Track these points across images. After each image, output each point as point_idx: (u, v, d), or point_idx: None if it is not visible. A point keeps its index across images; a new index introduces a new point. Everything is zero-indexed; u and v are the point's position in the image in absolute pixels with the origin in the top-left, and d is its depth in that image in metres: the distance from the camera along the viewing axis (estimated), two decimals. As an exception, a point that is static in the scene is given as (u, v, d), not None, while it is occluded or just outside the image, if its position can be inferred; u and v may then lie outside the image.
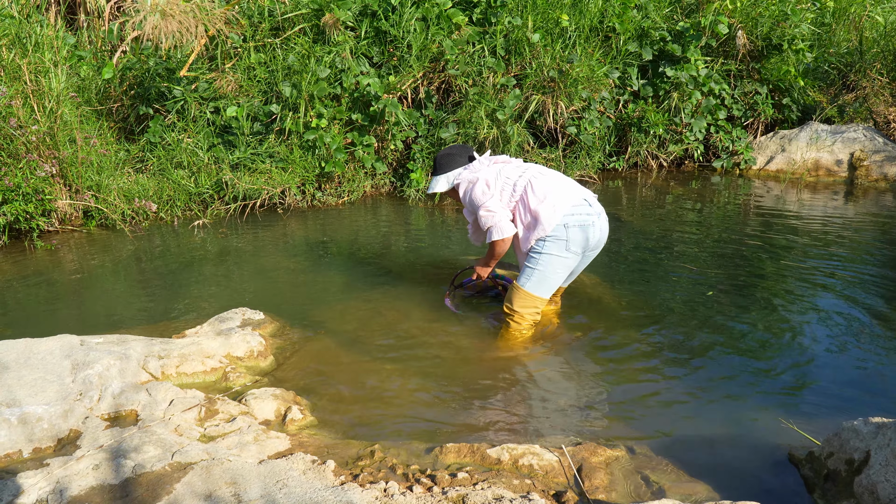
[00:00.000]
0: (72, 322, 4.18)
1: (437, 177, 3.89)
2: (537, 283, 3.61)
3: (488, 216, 3.65)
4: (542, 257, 3.57)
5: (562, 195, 3.58)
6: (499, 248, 3.72)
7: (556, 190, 3.59)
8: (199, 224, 6.02)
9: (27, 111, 5.49)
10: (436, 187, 3.91)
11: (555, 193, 3.57)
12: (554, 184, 3.62)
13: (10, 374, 2.96)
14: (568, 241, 3.54)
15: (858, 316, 4.07)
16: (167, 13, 6.14)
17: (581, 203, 3.60)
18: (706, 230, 5.92)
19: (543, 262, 3.57)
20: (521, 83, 7.06)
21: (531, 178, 3.63)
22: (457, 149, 3.92)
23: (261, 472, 2.46)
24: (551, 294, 3.69)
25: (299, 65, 6.49)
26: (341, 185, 6.74)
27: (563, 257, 3.58)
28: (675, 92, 7.51)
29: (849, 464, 2.37)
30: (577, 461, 2.60)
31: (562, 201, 3.56)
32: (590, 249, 3.69)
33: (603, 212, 3.72)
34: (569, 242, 3.55)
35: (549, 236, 3.54)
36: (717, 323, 4.01)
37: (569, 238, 3.54)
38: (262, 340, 3.62)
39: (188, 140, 6.42)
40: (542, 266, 3.58)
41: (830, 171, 7.61)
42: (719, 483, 2.51)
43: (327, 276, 4.89)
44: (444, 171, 3.87)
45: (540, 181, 3.61)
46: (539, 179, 3.62)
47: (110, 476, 2.43)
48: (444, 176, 3.87)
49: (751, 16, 7.60)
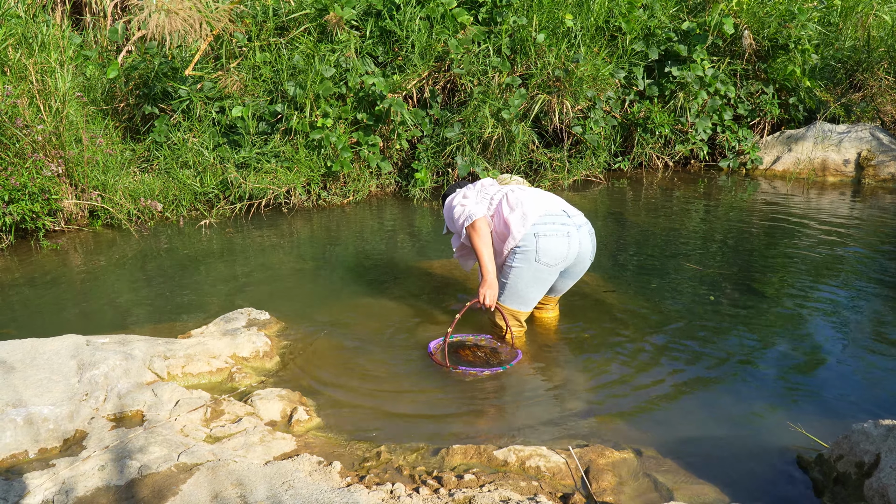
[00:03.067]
0: (77, 322, 4.18)
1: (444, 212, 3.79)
2: (509, 297, 3.56)
3: (461, 210, 3.50)
4: (513, 270, 3.50)
5: (535, 205, 3.48)
6: (476, 237, 3.42)
7: (530, 200, 3.50)
8: (205, 223, 6.02)
9: (33, 111, 5.49)
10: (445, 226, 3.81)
11: (528, 203, 3.48)
12: (530, 196, 3.52)
13: (16, 374, 2.95)
14: (538, 251, 3.43)
15: (866, 317, 4.05)
16: (171, 10, 6.15)
17: (557, 213, 3.49)
18: (712, 230, 5.90)
19: (514, 274, 3.51)
20: (526, 83, 7.05)
21: (508, 192, 3.56)
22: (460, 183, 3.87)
23: (267, 474, 2.45)
24: (530, 307, 3.62)
25: (304, 64, 6.49)
26: (346, 184, 6.74)
27: (533, 269, 3.47)
28: (681, 92, 7.49)
29: (859, 466, 2.35)
30: (584, 463, 2.59)
31: (533, 210, 3.45)
32: (570, 263, 3.54)
33: (586, 225, 3.59)
34: (538, 252, 3.43)
35: (519, 247, 3.45)
36: (723, 324, 3.99)
37: (539, 248, 3.42)
38: (267, 341, 3.61)
39: (193, 139, 6.43)
40: (512, 279, 3.51)
41: (838, 170, 7.58)
42: (728, 485, 2.50)
43: (332, 276, 4.88)
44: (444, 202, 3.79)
45: (516, 194, 3.53)
46: (516, 192, 3.54)
47: (116, 477, 2.42)
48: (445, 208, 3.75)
49: (757, 15, 7.57)
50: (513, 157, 6.95)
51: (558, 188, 7.12)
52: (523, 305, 3.59)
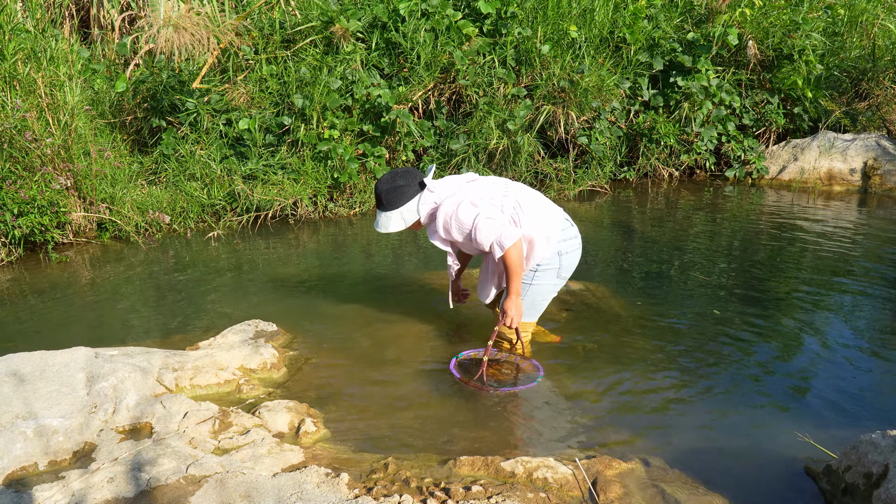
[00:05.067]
0: (86, 334, 4.20)
1: (388, 213, 3.34)
2: (527, 310, 3.54)
3: (489, 225, 3.20)
4: (533, 287, 3.47)
5: (551, 221, 3.39)
6: (514, 257, 3.20)
7: (545, 215, 3.39)
8: (212, 235, 6.05)
9: (42, 124, 5.54)
10: (389, 226, 3.35)
11: (545, 220, 3.37)
12: (540, 207, 3.40)
13: (26, 386, 2.98)
14: (560, 268, 3.47)
15: (874, 327, 4.04)
16: (180, 26, 6.20)
17: (567, 227, 3.48)
18: (718, 240, 5.90)
19: (534, 291, 3.48)
20: (531, 93, 7.07)
21: (518, 199, 3.34)
22: (402, 178, 3.33)
23: (275, 485, 2.46)
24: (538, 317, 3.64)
25: (311, 76, 6.53)
26: (353, 195, 6.76)
27: (553, 283, 3.51)
28: (686, 102, 7.50)
29: (867, 477, 2.35)
30: (591, 474, 2.59)
31: (553, 229, 3.38)
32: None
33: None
34: (561, 269, 3.47)
35: (540, 265, 3.43)
36: (730, 334, 3.99)
37: (561, 265, 3.46)
38: (275, 352, 3.63)
39: (201, 152, 6.46)
40: (531, 294, 3.48)
41: (844, 179, 7.57)
42: (736, 496, 2.50)
43: (339, 287, 4.90)
44: (396, 205, 3.32)
45: (527, 204, 3.35)
46: (526, 202, 3.35)
47: (125, 489, 2.44)
48: (397, 212, 3.33)
49: (762, 25, 7.59)
50: (518, 167, 6.97)
51: (564, 199, 7.13)
52: (536, 316, 3.62)
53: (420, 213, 3.33)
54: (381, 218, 3.37)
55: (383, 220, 3.36)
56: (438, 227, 3.32)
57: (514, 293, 3.29)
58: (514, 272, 3.24)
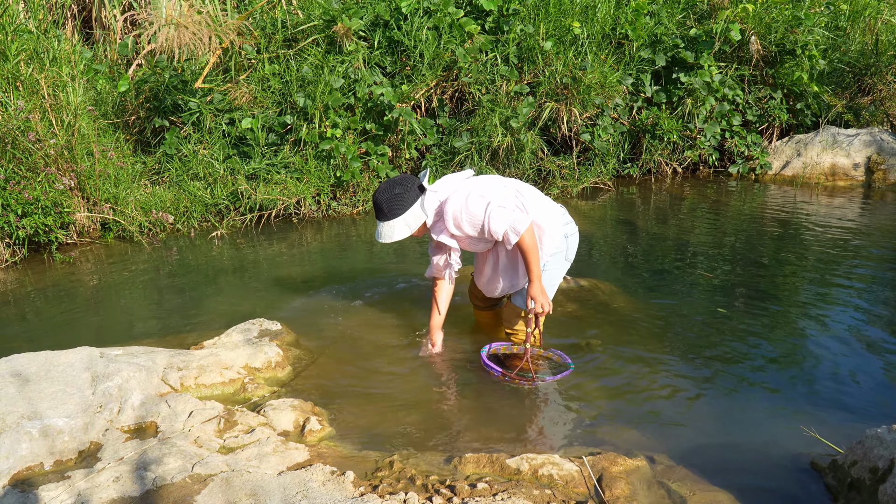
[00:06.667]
0: (91, 334, 4.21)
1: (391, 222, 3.28)
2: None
3: (501, 213, 3.15)
4: (545, 273, 3.45)
5: (550, 207, 3.44)
6: (528, 242, 3.14)
7: (543, 202, 3.43)
8: (216, 235, 6.06)
9: (45, 125, 5.55)
10: (393, 235, 3.29)
11: (544, 207, 3.40)
12: (540, 198, 3.45)
13: (31, 386, 2.98)
14: (567, 251, 3.51)
15: (878, 322, 4.03)
16: (181, 25, 6.21)
17: (564, 212, 3.54)
18: (722, 236, 5.89)
19: (547, 276, 3.46)
20: (534, 91, 7.07)
21: (518, 189, 3.35)
22: (399, 185, 3.29)
23: (280, 484, 2.46)
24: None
25: (313, 75, 6.53)
26: (356, 194, 6.76)
27: (562, 267, 3.54)
28: (689, 98, 7.49)
29: (873, 472, 2.34)
30: (597, 471, 2.58)
31: (554, 213, 3.43)
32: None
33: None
34: (568, 251, 3.51)
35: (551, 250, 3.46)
36: (734, 330, 3.98)
37: (568, 247, 3.50)
38: (279, 351, 3.63)
39: (204, 151, 6.47)
40: (545, 280, 3.44)
41: (847, 175, 7.55)
42: (742, 492, 2.49)
43: (343, 285, 4.90)
44: (398, 213, 3.27)
45: (529, 197, 3.36)
46: (527, 194, 3.36)
47: (131, 488, 2.44)
48: (401, 219, 3.28)
49: (764, 21, 7.57)
50: (522, 165, 6.96)
51: (567, 196, 7.12)
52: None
53: (426, 213, 3.30)
54: (384, 228, 3.30)
55: (386, 230, 3.30)
56: (448, 222, 3.27)
57: (536, 277, 3.21)
58: (531, 256, 3.17)
